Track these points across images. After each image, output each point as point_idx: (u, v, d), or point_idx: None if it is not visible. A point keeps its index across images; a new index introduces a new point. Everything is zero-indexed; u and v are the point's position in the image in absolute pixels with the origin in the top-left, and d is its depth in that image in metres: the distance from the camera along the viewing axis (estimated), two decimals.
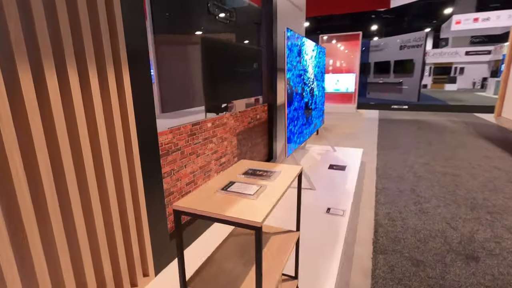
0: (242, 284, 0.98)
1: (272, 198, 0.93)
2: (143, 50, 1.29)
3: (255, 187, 1.01)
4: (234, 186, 1.02)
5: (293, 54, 2.35)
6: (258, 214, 0.82)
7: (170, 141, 1.60)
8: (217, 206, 0.87)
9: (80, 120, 1.05)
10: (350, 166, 3.19)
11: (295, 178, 1.18)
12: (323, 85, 3.66)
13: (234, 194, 0.95)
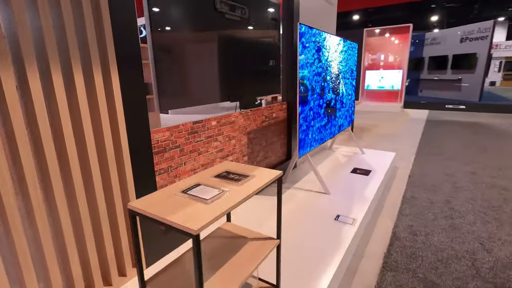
0: (209, 281, 0.96)
1: (225, 206, 0.89)
2: (134, 51, 1.33)
3: (216, 191, 0.97)
4: (197, 189, 0.99)
5: (309, 50, 2.23)
6: (198, 221, 0.79)
7: (167, 139, 1.64)
8: (165, 209, 0.86)
9: (64, 117, 1.12)
10: (376, 171, 2.95)
11: (268, 183, 1.12)
12: (353, 83, 3.43)
13: (191, 197, 0.93)
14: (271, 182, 1.12)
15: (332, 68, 2.72)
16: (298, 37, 2.05)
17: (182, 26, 1.66)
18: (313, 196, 2.39)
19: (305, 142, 2.36)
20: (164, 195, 0.97)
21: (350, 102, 3.43)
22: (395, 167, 3.58)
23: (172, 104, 1.66)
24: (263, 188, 1.08)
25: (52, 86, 1.08)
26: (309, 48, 2.23)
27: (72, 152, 1.16)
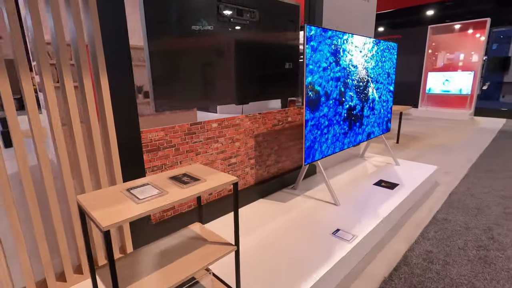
0: (145, 277, 1.01)
1: (150, 207, 0.92)
2: (124, 56, 1.46)
3: (156, 192, 1.01)
4: (142, 188, 1.05)
5: (322, 54, 2.12)
6: (113, 218, 0.84)
7: (161, 138, 1.75)
8: (98, 204, 0.94)
9: (54, 115, 1.30)
10: (404, 185, 2.65)
11: (215, 189, 1.12)
12: (389, 88, 3.13)
13: (130, 195, 0.99)
14: (219, 187, 1.11)
15: (357, 72, 2.53)
16: (305, 40, 1.97)
17: (180, 33, 1.75)
18: (320, 206, 2.27)
19: (314, 150, 2.25)
20: (112, 191, 1.05)
21: (386, 108, 3.13)
22: (435, 183, 3.15)
23: (166, 106, 1.77)
24: (211, 191, 1.09)
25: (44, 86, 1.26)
26: (323, 51, 2.13)
27: (62, 145, 1.34)
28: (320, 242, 1.79)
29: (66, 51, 1.28)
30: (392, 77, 3.15)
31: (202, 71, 1.89)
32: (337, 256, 1.64)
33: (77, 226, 1.43)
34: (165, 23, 1.66)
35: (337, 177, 2.93)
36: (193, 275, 1.08)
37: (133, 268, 1.09)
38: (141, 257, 1.16)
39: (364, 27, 3.27)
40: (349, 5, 2.96)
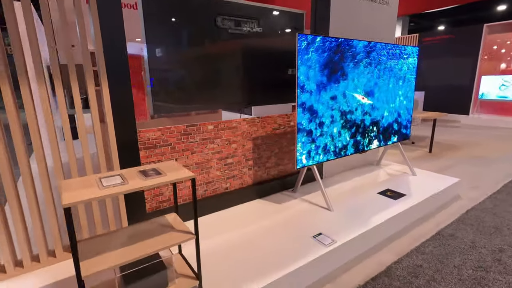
0: (108, 252, 1.22)
1: (108, 192, 1.12)
2: (123, 66, 1.71)
3: (119, 181, 1.22)
4: (111, 178, 1.26)
5: (314, 61, 2.17)
6: (74, 198, 1.05)
7: (158, 137, 1.98)
8: (71, 187, 1.16)
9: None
10: (411, 196, 2.53)
11: (169, 182, 1.28)
12: (409, 95, 2.99)
13: (98, 183, 1.21)
14: (174, 181, 1.27)
15: (362, 81, 2.50)
16: (297, 51, 2.04)
17: (180, 44, 1.96)
18: (312, 210, 2.30)
19: (308, 154, 2.29)
20: (88, 179, 1.28)
21: (404, 115, 3.00)
22: (457, 197, 2.91)
23: (163, 110, 1.99)
24: (165, 183, 1.26)
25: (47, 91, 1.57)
26: (318, 59, 2.17)
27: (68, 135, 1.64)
28: (297, 243, 1.84)
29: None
30: (410, 83, 3.00)
31: (200, 78, 2.09)
32: (308, 258, 1.69)
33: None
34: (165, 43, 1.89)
35: (343, 183, 2.90)
36: (148, 254, 1.26)
37: (102, 246, 1.31)
38: (113, 237, 1.37)
39: (383, 32, 3.17)
40: (365, 10, 2.91)
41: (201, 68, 2.10)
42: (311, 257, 1.70)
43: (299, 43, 2.03)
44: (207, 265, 1.64)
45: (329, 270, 1.82)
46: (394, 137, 2.98)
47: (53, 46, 1.51)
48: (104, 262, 1.18)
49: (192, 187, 1.33)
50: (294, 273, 1.61)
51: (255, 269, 1.61)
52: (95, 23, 1.57)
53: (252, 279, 1.52)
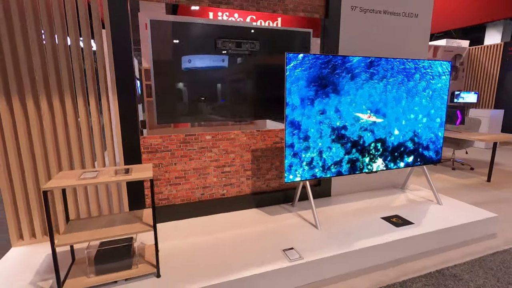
0: (81, 231, 1.55)
1: (77, 182, 1.44)
2: (130, 82, 2.10)
3: (92, 176, 1.54)
4: (91, 173, 1.60)
5: (303, 80, 2.22)
6: (53, 185, 1.40)
7: (159, 144, 2.31)
8: (59, 177, 1.53)
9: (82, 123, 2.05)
10: (420, 226, 2.28)
11: (134, 179, 1.54)
12: (433, 113, 2.71)
13: (79, 175, 1.55)
14: (131, 179, 1.53)
15: (365, 94, 2.41)
16: (285, 70, 2.14)
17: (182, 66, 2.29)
18: (299, 225, 2.31)
19: (297, 169, 2.32)
20: (74, 172, 1.64)
21: (425, 134, 2.72)
22: (489, 235, 2.47)
23: (167, 120, 2.32)
24: (127, 180, 1.53)
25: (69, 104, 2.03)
26: (307, 77, 2.22)
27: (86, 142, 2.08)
28: (264, 254, 1.91)
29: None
30: (433, 99, 2.71)
31: (198, 94, 2.37)
32: (264, 269, 1.74)
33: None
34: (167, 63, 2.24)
35: (350, 203, 2.77)
36: (111, 238, 1.54)
37: (84, 225, 1.65)
38: (96, 220, 1.71)
39: (412, 47, 2.95)
40: (389, 24, 2.78)
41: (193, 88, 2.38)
42: (268, 268, 1.75)
43: (287, 62, 2.13)
44: (175, 259, 1.85)
45: (289, 285, 1.83)
46: (409, 158, 2.72)
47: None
48: (76, 238, 1.51)
49: (151, 187, 1.58)
50: (244, 280, 1.69)
51: (211, 270, 1.75)
52: (109, 49, 2.00)
53: (203, 278, 1.67)
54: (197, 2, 2.22)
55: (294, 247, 1.99)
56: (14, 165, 1.92)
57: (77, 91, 2.01)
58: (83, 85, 2.03)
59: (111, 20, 1.98)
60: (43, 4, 1.86)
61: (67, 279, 1.58)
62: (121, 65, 2.05)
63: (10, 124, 1.90)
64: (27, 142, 1.95)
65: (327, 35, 2.62)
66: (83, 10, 1.95)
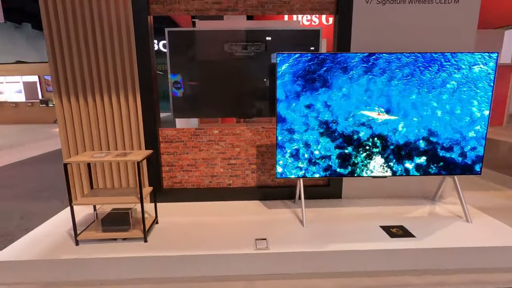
0: (94, 197, 2.07)
1: (93, 159, 1.93)
2: (151, 82, 2.55)
3: (100, 156, 2.01)
4: (101, 154, 2.08)
5: (290, 76, 2.25)
6: (72, 160, 1.92)
7: (174, 135, 2.72)
8: (79, 155, 2.06)
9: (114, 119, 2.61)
10: (421, 241, 2.04)
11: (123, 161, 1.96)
12: (457, 110, 2.32)
13: (93, 154, 2.05)
14: (120, 160, 1.94)
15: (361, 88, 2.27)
16: (276, 68, 2.23)
17: (195, 66, 2.63)
18: (287, 220, 2.38)
19: (283, 164, 2.38)
20: (91, 152, 2.16)
21: (446, 134, 2.35)
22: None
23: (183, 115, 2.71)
24: (122, 161, 1.95)
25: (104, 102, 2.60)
26: (304, 76, 2.24)
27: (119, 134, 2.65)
28: (240, 240, 2.08)
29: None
30: (459, 94, 2.30)
31: (208, 93, 2.67)
32: (233, 251, 1.93)
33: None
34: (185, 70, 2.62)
35: (359, 207, 2.63)
36: (109, 204, 2.00)
37: (95, 194, 2.17)
38: (107, 191, 2.22)
39: (452, 39, 2.55)
40: (417, 15, 2.48)
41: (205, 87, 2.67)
42: (235, 252, 1.93)
43: (278, 62, 2.22)
44: (167, 231, 2.22)
45: (253, 271, 1.95)
46: (419, 158, 2.38)
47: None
48: (86, 201, 2.03)
49: (138, 170, 1.97)
50: (213, 256, 1.91)
51: (191, 244, 2.04)
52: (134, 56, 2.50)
53: (180, 249, 1.98)
54: (206, 11, 2.51)
55: (268, 238, 2.10)
56: (71, 147, 2.63)
57: (112, 92, 2.58)
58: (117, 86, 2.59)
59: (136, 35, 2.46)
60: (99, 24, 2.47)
61: (84, 231, 2.12)
62: (144, 71, 2.53)
63: (70, 116, 2.60)
64: (81, 131, 2.63)
65: (339, 32, 2.54)
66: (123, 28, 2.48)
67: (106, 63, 2.51)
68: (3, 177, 4.65)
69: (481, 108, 2.33)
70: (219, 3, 2.50)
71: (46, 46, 2.47)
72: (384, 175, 2.40)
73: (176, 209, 2.65)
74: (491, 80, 2.30)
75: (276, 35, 2.62)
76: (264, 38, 2.60)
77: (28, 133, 9.82)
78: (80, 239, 2.06)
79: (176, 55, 2.62)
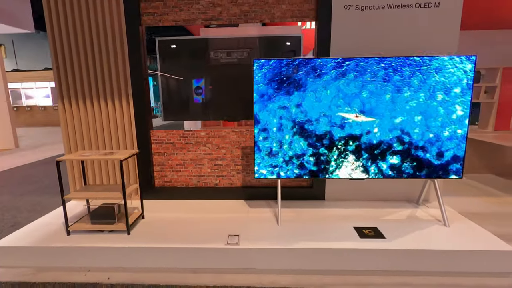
0: (88, 192, 2.28)
1: (78, 158, 2.14)
2: (143, 87, 2.76)
3: (90, 154, 2.22)
4: (91, 152, 2.29)
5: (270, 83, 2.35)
6: (64, 158, 2.14)
7: (164, 137, 2.91)
8: (73, 153, 2.29)
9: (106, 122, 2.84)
10: (390, 243, 2.08)
11: (108, 159, 2.15)
12: (431, 110, 2.32)
13: (81, 152, 2.27)
14: (102, 159, 2.13)
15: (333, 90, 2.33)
16: (253, 72, 2.35)
17: (184, 72, 2.81)
18: (263, 220, 2.48)
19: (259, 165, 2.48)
20: (81, 152, 2.38)
21: (420, 135, 2.35)
22: (502, 273, 1.97)
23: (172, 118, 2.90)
24: (105, 159, 2.14)
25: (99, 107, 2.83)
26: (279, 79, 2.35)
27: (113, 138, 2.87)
28: (215, 235, 2.21)
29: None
30: (433, 94, 2.30)
31: (192, 98, 2.84)
32: (206, 245, 2.06)
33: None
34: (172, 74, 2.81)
35: (339, 209, 2.68)
36: (97, 199, 2.21)
37: (86, 189, 2.38)
38: (98, 187, 2.43)
39: (433, 42, 2.55)
40: (397, 19, 2.52)
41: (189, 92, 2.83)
42: (207, 246, 2.06)
43: (254, 68, 2.34)
44: (151, 226, 2.40)
45: (223, 265, 2.07)
46: (393, 157, 2.39)
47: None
48: (78, 195, 2.25)
49: (120, 168, 2.15)
50: (188, 249, 2.05)
51: (170, 238, 2.20)
52: (127, 63, 2.71)
53: (159, 241, 2.14)
54: (193, 21, 2.69)
55: (241, 234, 2.22)
56: (72, 146, 2.89)
57: (108, 97, 2.81)
58: (112, 93, 2.82)
59: (129, 45, 2.68)
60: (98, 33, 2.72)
61: (76, 223, 2.34)
62: (136, 79, 2.74)
63: (71, 119, 2.86)
64: (80, 132, 2.88)
65: (319, 38, 2.63)
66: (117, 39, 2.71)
67: (102, 71, 2.75)
68: (26, 175, 5.08)
69: (457, 110, 2.32)
70: (205, 13, 2.67)
71: (51, 58, 2.74)
72: (361, 177, 2.44)
73: (164, 206, 2.82)
74: (470, 84, 2.29)
75: (260, 42, 2.74)
76: (248, 45, 2.73)
77: (52, 134, 10.54)
78: (71, 230, 2.28)
79: (165, 62, 2.82)
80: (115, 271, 2.09)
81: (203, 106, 2.89)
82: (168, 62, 2.83)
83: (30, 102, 14.00)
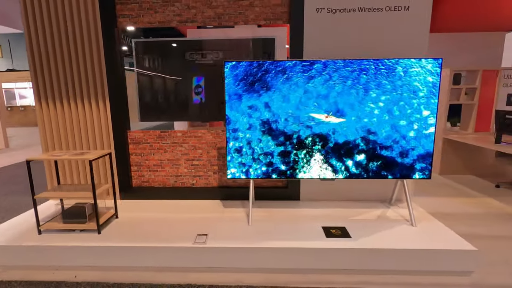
0: (61, 192, 2.30)
1: (49, 157, 2.17)
2: (119, 88, 2.79)
3: (61, 155, 2.25)
4: (63, 152, 2.32)
5: (240, 84, 2.39)
6: (33, 158, 2.17)
7: (141, 137, 2.94)
8: (48, 154, 2.31)
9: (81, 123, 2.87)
10: (356, 241, 2.11)
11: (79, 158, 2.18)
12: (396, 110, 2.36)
13: (56, 152, 2.29)
14: (74, 159, 2.16)
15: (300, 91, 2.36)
16: (224, 74, 2.38)
17: (160, 72, 2.84)
18: (234, 220, 2.51)
19: (244, 167, 2.51)
20: (53, 152, 2.40)
21: (384, 134, 2.39)
22: (461, 272, 2.01)
23: (148, 118, 2.93)
24: (78, 159, 2.17)
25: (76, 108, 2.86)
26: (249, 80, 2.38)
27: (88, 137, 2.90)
28: (184, 234, 2.24)
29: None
30: (395, 95, 2.34)
31: (170, 99, 2.87)
32: (174, 244, 2.09)
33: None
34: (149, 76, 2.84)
35: (312, 209, 2.71)
36: (68, 198, 2.23)
37: (59, 188, 2.41)
38: (71, 187, 2.45)
39: (404, 45, 2.60)
40: (369, 22, 2.56)
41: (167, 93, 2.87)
42: (176, 245, 2.09)
43: (225, 69, 2.37)
44: (124, 225, 2.42)
45: (190, 263, 2.10)
46: (359, 156, 2.42)
47: None
48: (49, 195, 2.28)
49: (90, 168, 2.18)
50: (156, 248, 2.08)
51: (141, 237, 2.22)
52: (103, 65, 2.75)
53: (130, 241, 2.17)
54: (168, 23, 2.72)
55: (210, 234, 2.25)
56: (49, 146, 2.92)
57: (84, 97, 2.84)
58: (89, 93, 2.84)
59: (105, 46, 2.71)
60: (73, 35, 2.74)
61: (48, 222, 2.36)
62: (112, 79, 2.77)
63: (49, 119, 2.89)
64: (58, 132, 2.91)
65: (292, 40, 2.66)
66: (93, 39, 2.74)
67: (79, 72, 2.78)
68: (12, 175, 5.08)
69: (423, 111, 2.36)
70: (180, 15, 2.70)
71: (27, 57, 2.77)
72: (330, 177, 2.48)
73: (141, 206, 2.85)
74: (436, 86, 2.33)
75: (234, 44, 2.78)
76: (221, 47, 2.77)
77: None
78: (43, 229, 2.30)
79: (142, 63, 2.85)
80: (83, 270, 2.12)
81: (179, 107, 2.93)
82: (144, 61, 2.86)
83: (24, 102, 13.98)
